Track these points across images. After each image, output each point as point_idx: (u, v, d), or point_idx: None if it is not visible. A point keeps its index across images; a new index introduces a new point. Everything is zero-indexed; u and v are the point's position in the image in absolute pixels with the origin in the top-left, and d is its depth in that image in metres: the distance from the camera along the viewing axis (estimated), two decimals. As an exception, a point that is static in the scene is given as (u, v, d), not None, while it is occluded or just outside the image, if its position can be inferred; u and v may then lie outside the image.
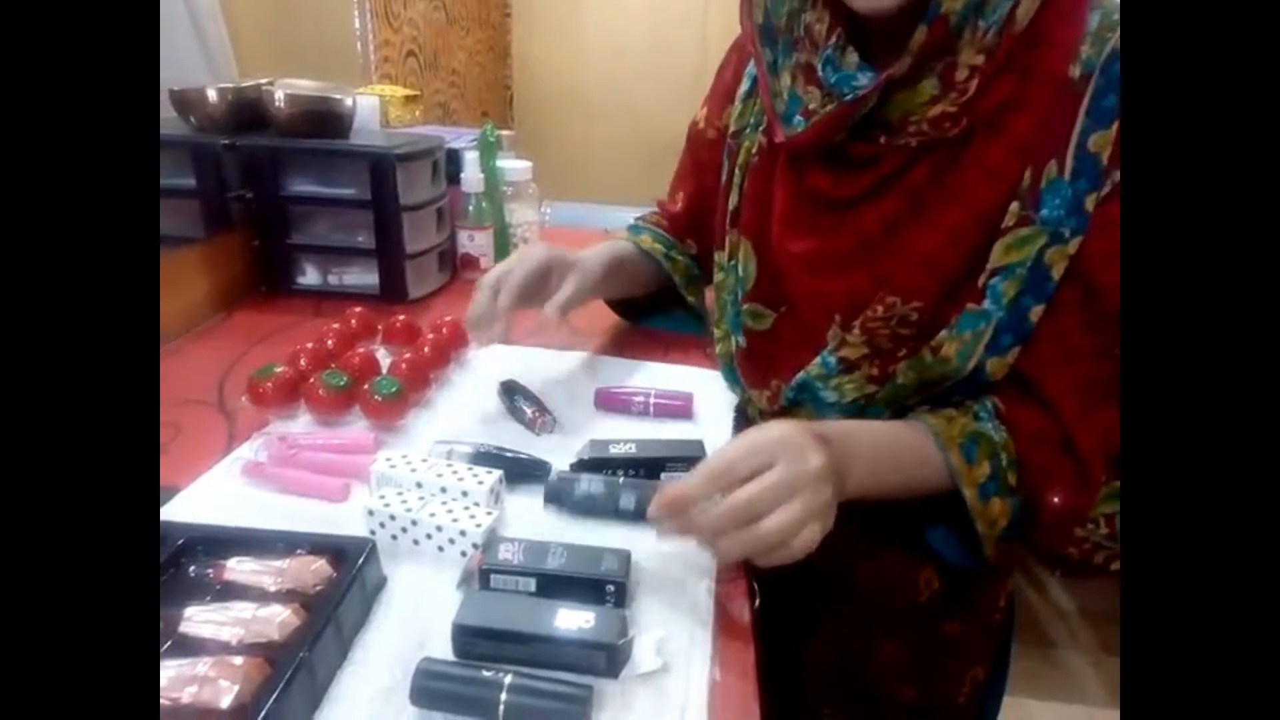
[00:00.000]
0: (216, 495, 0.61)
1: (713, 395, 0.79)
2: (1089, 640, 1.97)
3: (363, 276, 1.06)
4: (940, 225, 0.59)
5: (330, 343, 0.81)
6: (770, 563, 0.49)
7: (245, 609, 0.45)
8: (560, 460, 0.64)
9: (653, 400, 0.76)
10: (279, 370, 0.72)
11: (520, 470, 0.64)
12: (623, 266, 0.83)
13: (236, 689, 0.40)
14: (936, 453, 0.59)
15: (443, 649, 0.46)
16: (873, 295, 0.62)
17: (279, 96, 1.02)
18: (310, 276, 1.07)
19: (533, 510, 0.61)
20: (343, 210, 1.03)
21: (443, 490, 0.58)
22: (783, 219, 0.68)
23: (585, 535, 0.58)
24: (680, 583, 0.54)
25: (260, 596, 0.47)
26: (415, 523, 0.55)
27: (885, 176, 0.61)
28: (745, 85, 0.74)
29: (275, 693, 0.40)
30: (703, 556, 0.57)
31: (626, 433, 0.67)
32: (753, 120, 0.72)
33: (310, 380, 0.71)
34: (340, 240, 1.05)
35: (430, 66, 2.27)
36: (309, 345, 0.78)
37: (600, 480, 0.60)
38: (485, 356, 0.86)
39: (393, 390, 0.70)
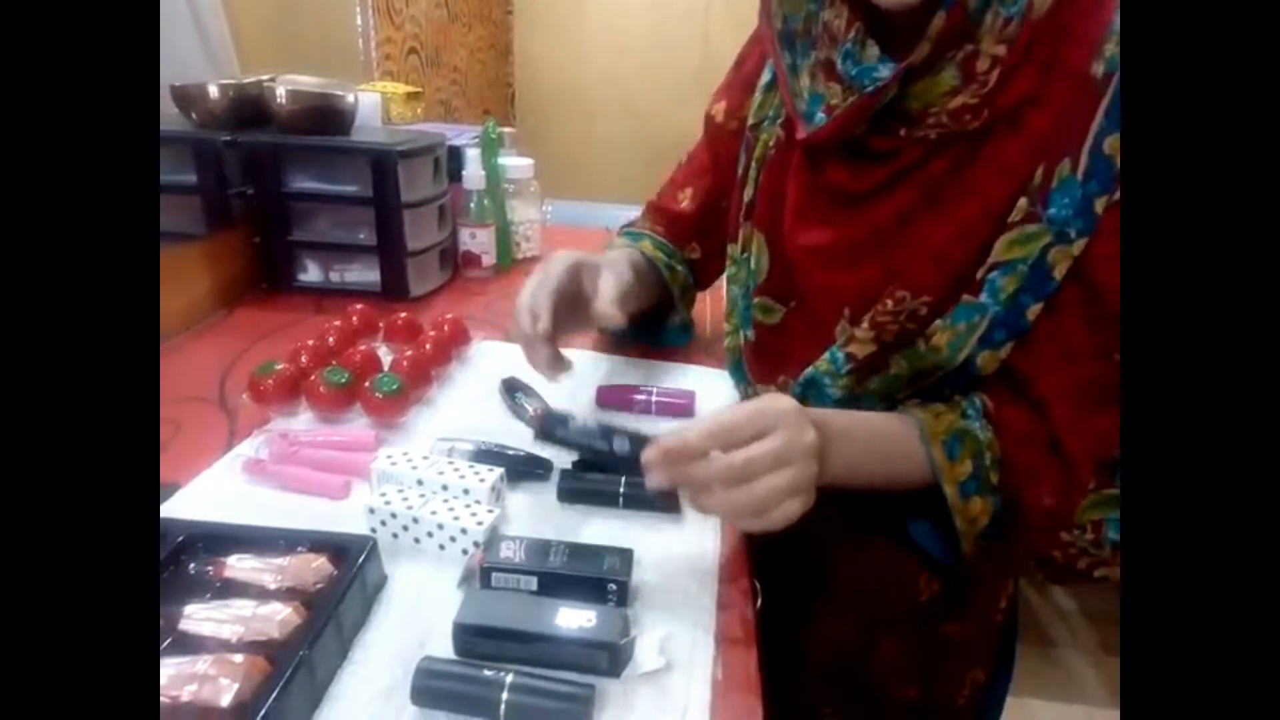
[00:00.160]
0: (217, 492, 0.61)
1: (715, 393, 0.79)
2: (1090, 640, 1.97)
3: (364, 274, 1.06)
4: (953, 219, 0.58)
5: (331, 340, 0.80)
6: (748, 528, 0.52)
7: (245, 607, 0.45)
8: (562, 458, 0.64)
9: (655, 398, 0.76)
10: (280, 367, 0.71)
11: (521, 468, 0.64)
12: (638, 273, 0.79)
13: (236, 687, 0.40)
14: (920, 447, 0.59)
15: (443, 648, 0.46)
16: (881, 288, 0.61)
17: (280, 93, 1.02)
18: (311, 273, 1.07)
19: (534, 509, 0.61)
20: (344, 207, 1.03)
21: (444, 488, 0.58)
22: (795, 212, 0.67)
23: (587, 534, 0.57)
24: (682, 582, 0.54)
25: (260, 594, 0.47)
26: (416, 521, 0.55)
27: (902, 170, 0.60)
28: (766, 76, 0.72)
29: (275, 691, 0.39)
30: (705, 556, 0.56)
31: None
32: (772, 112, 0.71)
33: (311, 377, 0.71)
34: (341, 237, 1.05)
35: (432, 63, 2.27)
36: (310, 342, 0.78)
37: (595, 422, 0.58)
38: (487, 354, 0.86)
39: (394, 387, 0.69)
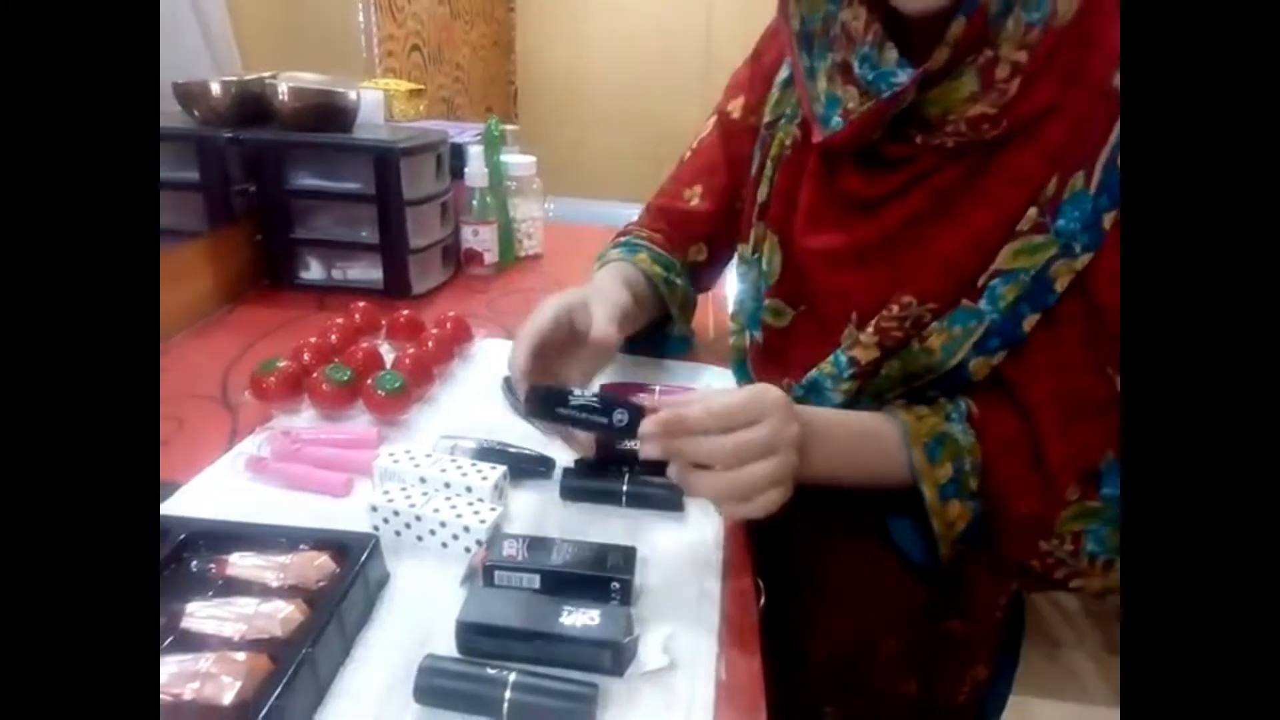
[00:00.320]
0: (219, 490, 0.61)
1: (718, 391, 0.78)
2: (1093, 639, 1.97)
3: (366, 271, 1.06)
4: (964, 229, 0.58)
5: (334, 337, 0.80)
6: (730, 514, 0.55)
7: (248, 604, 0.45)
8: (564, 456, 0.64)
9: (658, 396, 0.75)
10: (282, 364, 0.71)
11: (524, 466, 0.63)
12: (634, 293, 0.75)
13: (239, 685, 0.40)
14: (901, 448, 0.59)
15: (446, 646, 0.46)
16: (890, 292, 0.61)
17: (282, 90, 1.02)
18: (314, 271, 1.07)
19: (537, 507, 0.61)
20: (346, 205, 1.03)
21: (446, 486, 0.58)
22: (807, 214, 0.67)
23: (590, 532, 0.57)
24: (686, 580, 0.54)
25: (263, 592, 0.47)
26: (419, 518, 0.55)
27: (916, 176, 0.60)
28: (784, 73, 0.71)
29: (278, 689, 0.39)
30: (709, 554, 0.56)
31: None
32: (789, 110, 0.70)
33: (314, 375, 0.71)
34: (344, 235, 1.05)
35: (434, 60, 2.27)
36: (312, 340, 0.78)
37: (595, 395, 0.56)
38: (489, 351, 0.86)
39: (396, 385, 0.69)
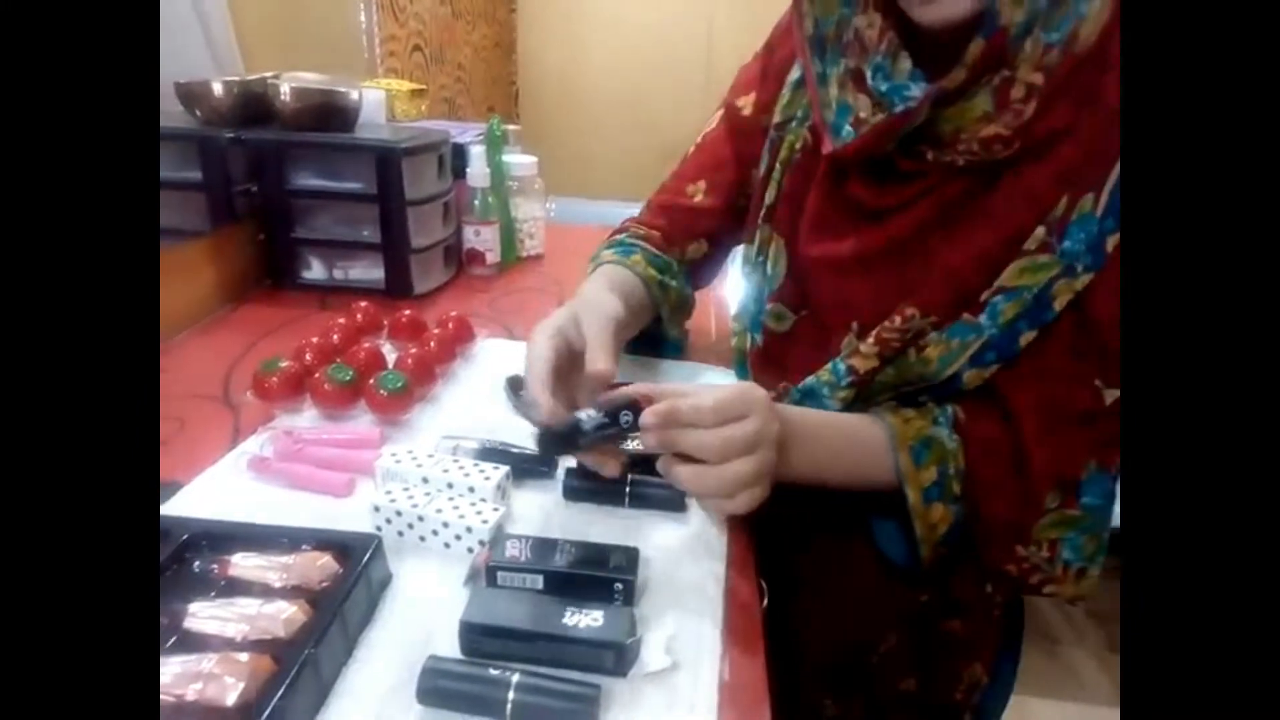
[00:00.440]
0: (221, 490, 0.60)
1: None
2: (1094, 638, 1.97)
3: (368, 271, 1.05)
4: (969, 243, 0.58)
5: (336, 337, 0.80)
6: (714, 509, 0.57)
7: (250, 605, 0.45)
8: (567, 457, 0.64)
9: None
10: (284, 364, 0.71)
11: (526, 466, 0.63)
12: (628, 299, 0.72)
13: (242, 686, 0.40)
14: (888, 451, 0.60)
15: (449, 647, 0.46)
16: (892, 302, 0.61)
17: (284, 90, 1.01)
18: (315, 271, 1.07)
19: (540, 507, 0.60)
20: (348, 204, 1.03)
21: (449, 486, 0.58)
22: (812, 221, 0.67)
23: (593, 533, 0.57)
24: (689, 581, 0.53)
25: (265, 592, 0.47)
26: (421, 519, 0.55)
27: (924, 189, 0.60)
28: (796, 73, 0.70)
29: (281, 690, 0.39)
30: (712, 555, 0.56)
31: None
32: (800, 113, 0.69)
33: (316, 374, 0.70)
34: (345, 234, 1.05)
35: (436, 61, 2.27)
36: (314, 339, 0.78)
37: (600, 410, 0.54)
38: (491, 351, 0.86)
39: (398, 385, 0.69)
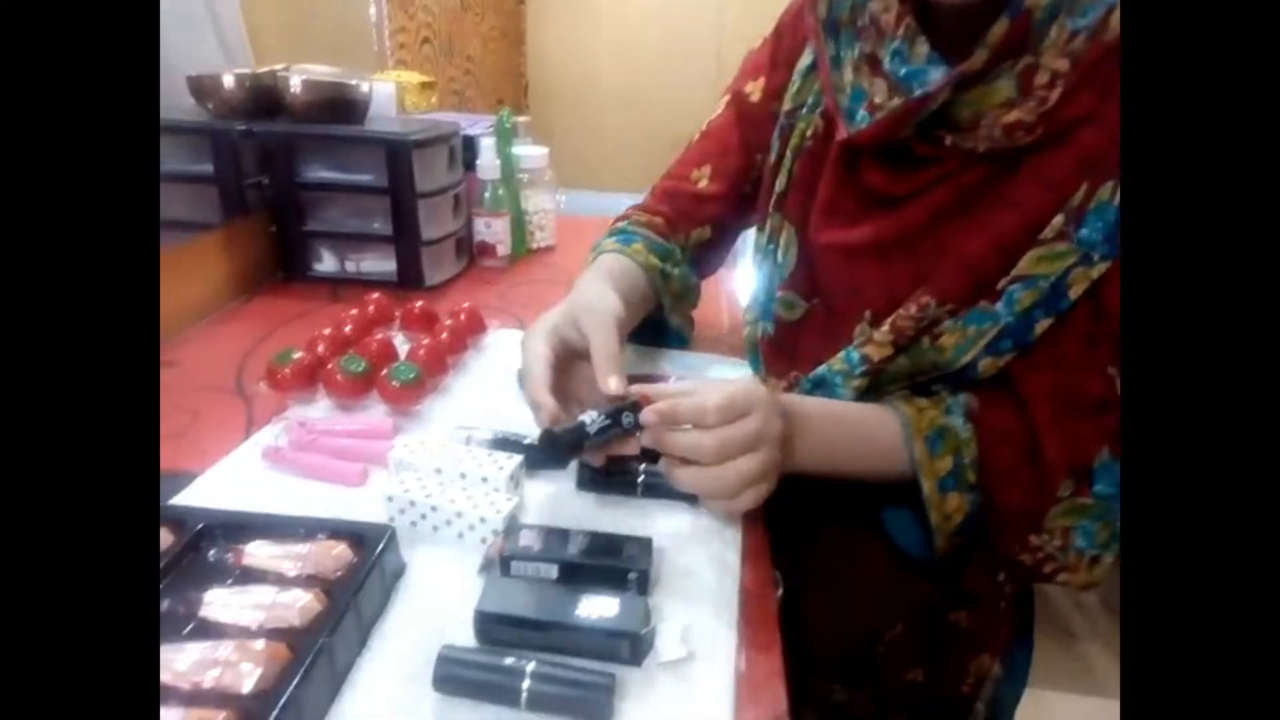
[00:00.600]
0: (235, 480, 0.61)
1: (733, 382, 0.78)
2: (1108, 632, 1.95)
3: (379, 263, 1.06)
4: (987, 229, 0.57)
5: (348, 328, 0.80)
6: (715, 509, 0.56)
7: (265, 593, 0.45)
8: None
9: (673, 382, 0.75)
10: (297, 355, 0.71)
11: (539, 457, 0.63)
12: (628, 291, 0.70)
13: (259, 673, 0.40)
14: (901, 441, 0.59)
15: (463, 636, 0.46)
16: (906, 290, 0.60)
17: (295, 83, 1.02)
18: (327, 263, 1.07)
19: (553, 497, 0.60)
20: (359, 197, 1.03)
21: (462, 476, 0.58)
22: (825, 208, 0.66)
23: (606, 523, 0.57)
24: (703, 571, 0.53)
25: (280, 581, 0.47)
26: (435, 509, 0.55)
27: (941, 175, 0.59)
28: (806, 59, 0.69)
29: (296, 678, 0.39)
30: (726, 545, 0.56)
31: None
32: (811, 100, 0.68)
33: (329, 365, 0.70)
34: (357, 227, 1.05)
35: (445, 53, 2.26)
36: (327, 331, 0.78)
37: (601, 412, 0.54)
38: (502, 342, 0.86)
39: (411, 376, 0.69)
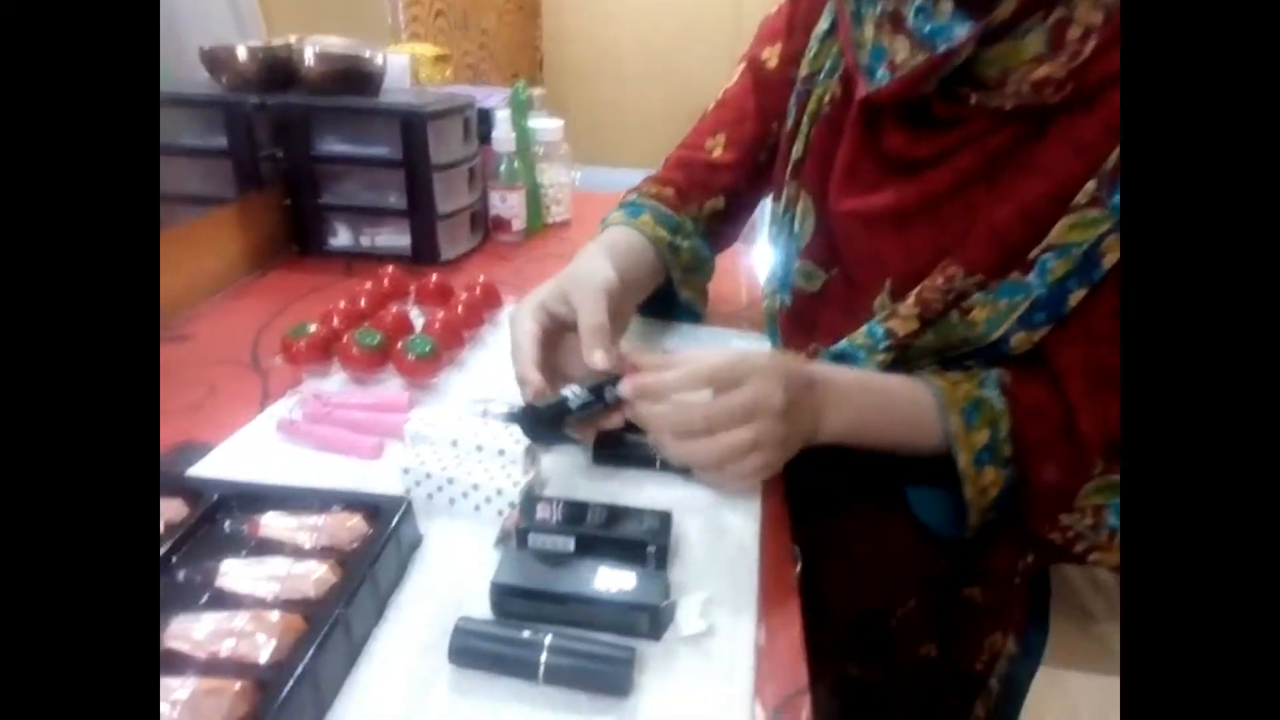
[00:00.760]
0: (250, 453, 0.60)
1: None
2: (1127, 612, 1.94)
3: (394, 238, 1.05)
4: (1015, 196, 0.55)
5: (363, 302, 0.80)
6: (707, 482, 0.54)
7: (281, 565, 0.45)
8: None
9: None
10: (312, 329, 0.71)
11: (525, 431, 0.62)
12: (630, 261, 0.69)
13: (274, 644, 0.39)
14: (935, 413, 0.57)
15: (480, 608, 0.45)
16: (928, 259, 0.59)
17: (309, 54, 1.01)
18: (342, 237, 1.06)
19: (569, 470, 0.60)
20: (374, 170, 1.02)
21: (478, 449, 0.57)
22: (843, 173, 0.64)
23: (623, 496, 0.56)
24: (722, 545, 0.52)
25: (295, 552, 0.46)
26: (451, 481, 0.54)
27: (966, 138, 0.57)
28: (824, 24, 0.68)
29: (312, 649, 0.39)
30: (745, 519, 0.55)
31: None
32: (829, 64, 0.67)
33: (344, 339, 0.70)
34: (371, 200, 1.04)
35: (459, 26, 2.24)
36: (341, 304, 0.77)
37: (586, 388, 0.54)
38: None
39: (426, 349, 0.68)
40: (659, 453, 0.59)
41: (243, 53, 1.01)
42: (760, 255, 0.99)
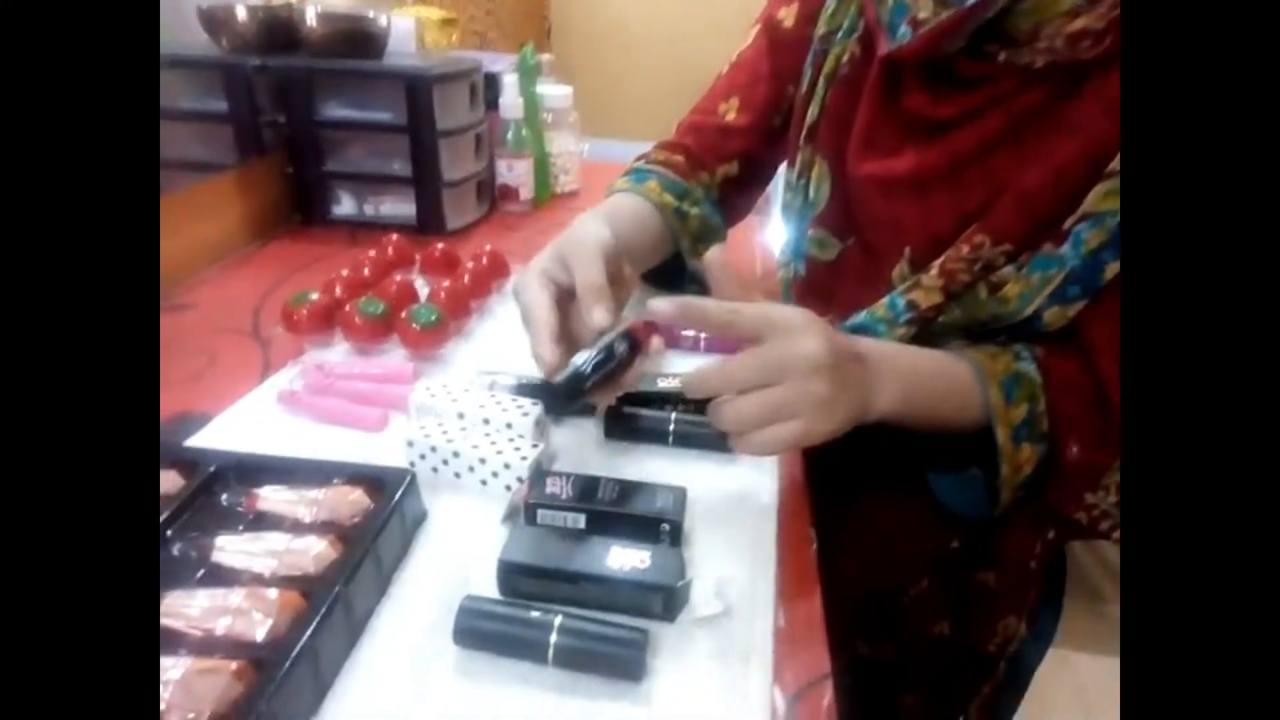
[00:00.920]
0: (250, 423, 0.58)
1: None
2: (1137, 595, 1.93)
3: (399, 207, 1.02)
4: (1045, 162, 0.52)
5: (367, 270, 0.78)
6: (737, 447, 0.48)
7: (279, 540, 0.43)
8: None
9: (704, 336, 0.71)
10: (314, 297, 0.69)
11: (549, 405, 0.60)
12: (634, 227, 0.67)
13: (271, 622, 0.38)
14: (975, 388, 0.55)
15: (487, 586, 0.43)
16: (948, 226, 0.56)
17: (311, 15, 0.97)
18: (345, 206, 1.04)
19: (579, 444, 0.58)
20: (378, 136, 0.99)
21: (485, 421, 0.55)
22: (862, 136, 0.61)
23: (635, 472, 0.54)
24: (738, 523, 0.50)
25: (295, 527, 0.44)
26: (457, 454, 0.52)
27: (993, 98, 0.54)
28: None
29: (311, 627, 0.37)
30: (762, 496, 0.53)
31: (676, 368, 0.63)
32: (847, 24, 0.64)
33: (346, 308, 0.68)
34: (375, 167, 1.01)
35: (466, -6, 2.19)
36: (345, 273, 0.75)
37: (597, 351, 0.51)
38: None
39: (432, 318, 0.66)
40: (672, 427, 0.57)
41: (242, 12, 0.98)
42: (775, 227, 0.96)
